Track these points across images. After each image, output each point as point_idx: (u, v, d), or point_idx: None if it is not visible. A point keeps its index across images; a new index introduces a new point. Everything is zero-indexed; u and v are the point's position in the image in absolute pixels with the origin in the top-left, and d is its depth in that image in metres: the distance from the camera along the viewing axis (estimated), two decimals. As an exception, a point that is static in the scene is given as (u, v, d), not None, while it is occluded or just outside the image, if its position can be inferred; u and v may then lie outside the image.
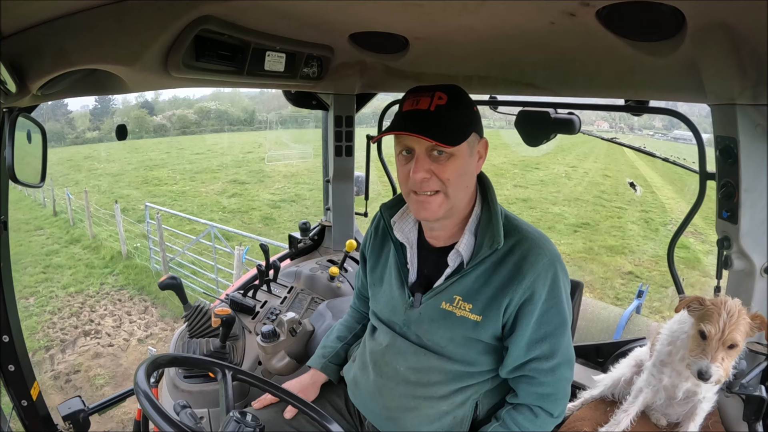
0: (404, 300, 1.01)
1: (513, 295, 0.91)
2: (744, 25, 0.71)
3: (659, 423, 1.08)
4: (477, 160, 0.95)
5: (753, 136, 0.90)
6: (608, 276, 8.17)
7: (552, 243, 0.96)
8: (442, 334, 0.96)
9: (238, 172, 17.86)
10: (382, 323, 1.07)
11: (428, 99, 0.90)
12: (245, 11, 0.95)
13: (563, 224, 11.32)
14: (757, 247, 0.97)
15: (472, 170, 0.94)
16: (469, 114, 0.93)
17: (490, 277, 0.93)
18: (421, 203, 0.92)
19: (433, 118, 0.89)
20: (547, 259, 0.91)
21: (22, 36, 0.81)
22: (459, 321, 0.94)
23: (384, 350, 1.03)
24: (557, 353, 0.93)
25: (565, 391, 0.98)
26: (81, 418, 1.35)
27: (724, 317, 0.87)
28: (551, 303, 0.92)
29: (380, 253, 1.10)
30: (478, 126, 0.94)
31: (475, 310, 0.93)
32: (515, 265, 0.91)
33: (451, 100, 0.90)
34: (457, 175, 0.90)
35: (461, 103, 0.92)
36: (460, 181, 0.91)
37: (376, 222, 1.14)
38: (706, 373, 0.87)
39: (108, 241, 9.05)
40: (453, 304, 0.95)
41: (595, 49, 0.96)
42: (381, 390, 1.02)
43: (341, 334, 1.25)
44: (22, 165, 0.96)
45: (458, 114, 0.90)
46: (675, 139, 20.78)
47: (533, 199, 13.83)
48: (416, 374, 0.98)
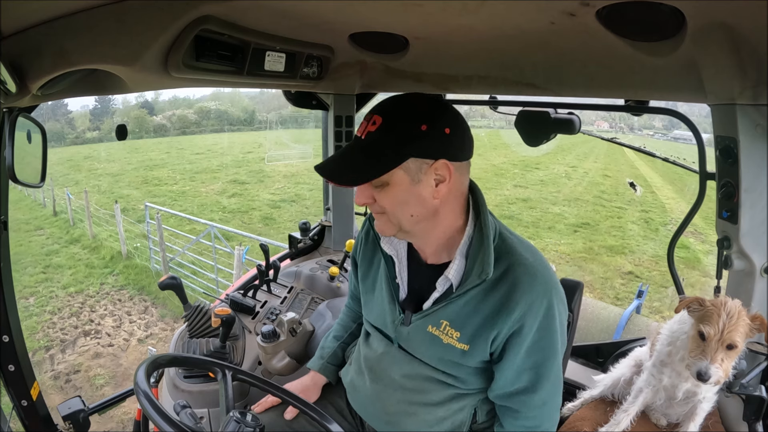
0: (395, 315, 0.97)
1: (501, 327, 0.84)
2: (744, 25, 0.71)
3: (659, 423, 1.08)
4: (435, 185, 0.83)
5: (753, 136, 0.90)
6: (608, 276, 8.17)
7: (548, 267, 0.88)
8: (431, 354, 0.93)
9: (238, 172, 17.86)
10: (375, 330, 1.05)
11: (365, 123, 0.84)
12: (245, 11, 0.94)
13: (563, 224, 11.32)
14: (757, 247, 0.97)
15: (420, 198, 0.84)
16: (406, 136, 0.81)
17: (480, 305, 0.86)
18: (376, 220, 0.91)
19: (357, 150, 0.83)
20: (540, 287, 0.84)
21: (22, 36, 0.81)
22: (446, 347, 0.90)
23: (379, 357, 1.02)
24: (545, 383, 0.88)
25: (553, 420, 0.93)
26: (81, 418, 1.35)
27: (724, 318, 0.87)
28: (542, 333, 0.85)
29: (371, 261, 1.05)
30: (427, 147, 0.81)
31: (462, 338, 0.88)
32: (505, 294, 0.84)
33: (383, 123, 0.81)
34: (394, 203, 0.84)
35: (395, 125, 0.81)
36: (400, 209, 0.85)
37: (365, 228, 1.09)
38: (706, 374, 0.87)
39: (108, 241, 9.05)
40: (440, 329, 0.90)
41: (595, 49, 0.95)
42: (378, 395, 1.01)
43: (337, 333, 1.24)
44: (22, 165, 0.96)
45: (386, 140, 0.81)
46: (675, 139, 20.77)
47: (533, 199, 13.83)
48: (411, 382, 0.96)
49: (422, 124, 0.81)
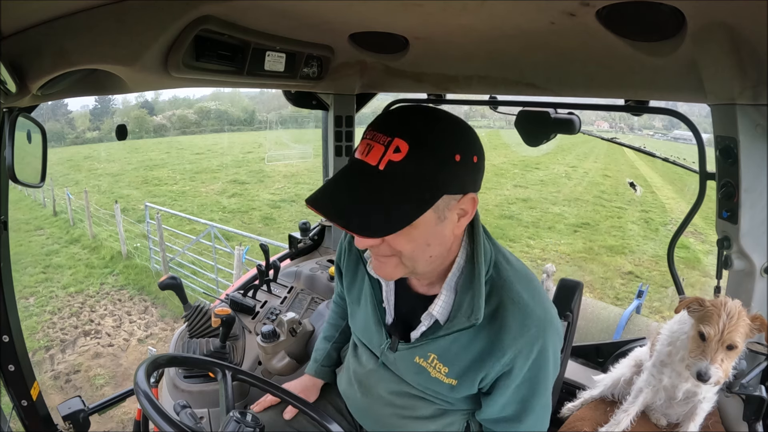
0: (381, 339, 0.91)
1: (490, 369, 0.79)
2: (744, 25, 0.71)
3: (659, 423, 1.08)
4: (457, 220, 0.73)
5: (753, 136, 0.90)
6: (608, 276, 8.17)
7: (543, 302, 0.80)
8: (417, 382, 0.89)
9: (238, 172, 17.86)
10: (363, 345, 1.00)
11: (382, 148, 0.67)
12: (245, 11, 0.94)
13: (563, 224, 11.31)
14: (757, 247, 0.97)
15: (442, 236, 0.74)
16: (441, 169, 0.68)
17: (469, 344, 0.80)
18: (376, 260, 0.77)
19: (376, 185, 0.67)
20: (534, 330, 0.76)
21: (22, 36, 0.81)
22: (433, 380, 0.85)
23: (367, 374, 0.99)
24: (531, 415, 0.83)
25: None
26: (81, 418, 1.35)
27: (724, 318, 0.87)
28: (534, 372, 0.79)
29: (355, 273, 0.98)
30: (458, 181, 0.70)
31: (451, 374, 0.83)
32: (496, 335, 0.77)
33: (413, 151, 0.66)
34: (413, 247, 0.72)
35: (429, 155, 0.67)
36: (421, 252, 0.73)
37: (347, 239, 1.00)
38: (706, 375, 0.87)
39: (108, 241, 9.05)
40: (428, 361, 0.84)
41: (595, 49, 0.95)
42: (370, 407, 1.01)
43: (328, 333, 1.20)
44: (22, 165, 0.96)
45: (419, 175, 0.66)
46: (675, 139, 20.78)
47: (533, 199, 13.82)
48: (401, 399, 0.94)
49: (456, 153, 0.68)
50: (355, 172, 0.70)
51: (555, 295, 1.22)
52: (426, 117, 0.70)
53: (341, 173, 0.72)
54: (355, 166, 0.70)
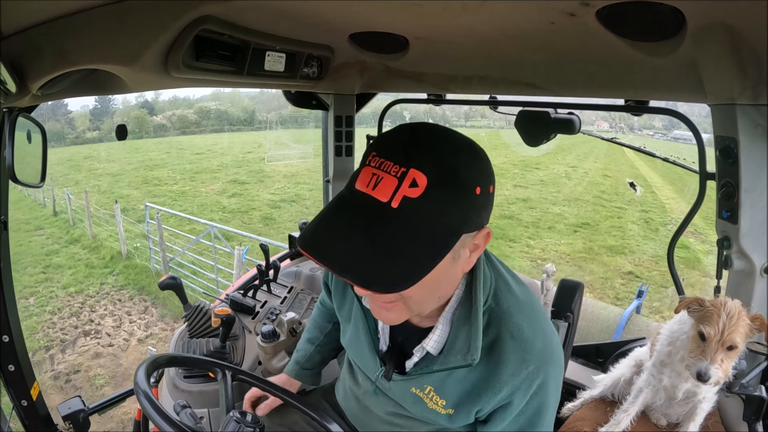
0: (375, 367, 0.86)
1: (486, 404, 0.75)
2: (744, 25, 0.71)
3: (659, 423, 1.08)
4: (469, 255, 0.67)
5: (753, 136, 0.90)
6: (608, 276, 8.17)
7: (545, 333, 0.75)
8: (414, 410, 0.85)
9: (238, 172, 17.86)
10: (358, 368, 0.96)
11: (394, 181, 0.57)
12: (245, 11, 0.94)
13: (563, 224, 11.32)
14: (757, 247, 0.96)
15: (453, 276, 0.68)
16: (464, 205, 0.60)
17: (465, 377, 0.76)
18: (376, 307, 0.71)
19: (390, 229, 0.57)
20: (533, 366, 0.71)
21: (22, 36, 0.81)
22: (430, 411, 0.81)
23: (364, 394, 0.97)
24: None
25: None
26: (81, 418, 1.35)
27: (724, 319, 0.87)
28: (532, 406, 0.75)
29: (344, 295, 0.93)
30: (476, 217, 0.63)
31: (447, 405, 0.79)
32: (493, 369, 0.72)
33: (432, 185, 0.57)
34: (423, 294, 0.65)
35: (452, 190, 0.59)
36: (430, 293, 0.67)
37: None
38: (705, 375, 0.87)
39: (108, 241, 9.05)
40: (424, 392, 0.80)
41: (595, 49, 0.95)
42: (368, 423, 1.00)
43: (312, 335, 1.17)
44: (22, 165, 0.96)
45: (440, 214, 0.58)
46: (675, 139, 20.77)
47: (533, 199, 13.82)
48: (399, 419, 0.92)
49: (477, 185, 0.61)
50: (360, 209, 0.59)
51: (555, 296, 1.22)
52: (444, 143, 0.61)
53: (342, 209, 0.61)
54: (360, 202, 0.59)
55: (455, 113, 38.47)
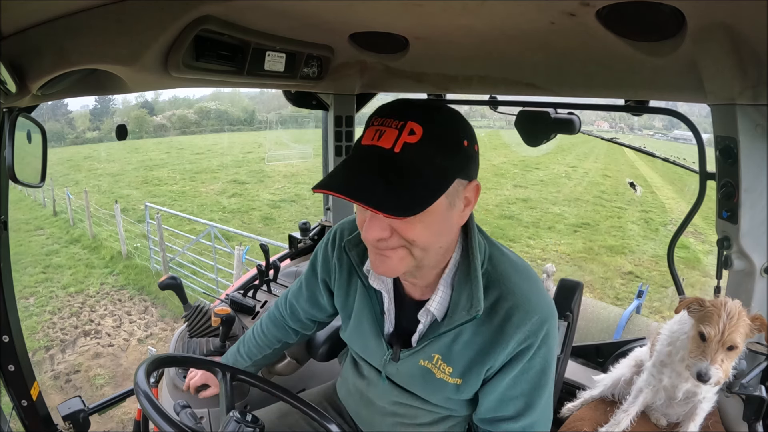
0: (382, 351, 0.89)
1: (495, 360, 0.78)
2: (744, 25, 0.71)
3: (659, 423, 1.08)
4: (462, 208, 0.73)
5: (753, 136, 0.90)
6: (608, 276, 8.17)
7: (543, 292, 0.80)
8: (421, 389, 0.88)
9: (238, 172, 17.86)
10: (363, 360, 0.98)
11: (395, 132, 0.67)
12: (245, 11, 0.94)
13: (563, 224, 11.32)
14: (757, 247, 0.97)
15: (450, 225, 0.74)
16: (454, 153, 0.69)
17: (472, 338, 0.79)
18: (378, 256, 0.74)
19: (396, 168, 0.65)
20: (536, 318, 0.76)
21: (22, 36, 0.81)
22: (438, 382, 0.84)
23: (367, 386, 0.99)
24: (530, 413, 0.80)
25: None
26: (81, 418, 1.34)
27: (724, 319, 0.87)
28: (534, 363, 0.78)
29: (348, 289, 0.96)
30: (466, 166, 0.71)
31: (455, 373, 0.82)
32: (498, 327, 0.76)
33: (427, 134, 0.66)
34: (427, 235, 0.70)
35: (443, 139, 0.68)
36: (432, 241, 0.72)
37: (336, 254, 0.96)
38: (706, 375, 0.87)
39: (108, 241, 9.05)
40: (432, 363, 0.83)
41: (595, 49, 0.95)
42: (372, 417, 1.01)
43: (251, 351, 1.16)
44: (22, 165, 0.96)
45: (437, 157, 0.67)
46: (675, 139, 20.78)
47: (533, 199, 13.83)
48: (402, 408, 0.94)
49: (464, 139, 0.70)
50: (369, 156, 0.68)
51: (555, 296, 1.22)
52: (430, 105, 0.71)
53: (352, 160, 0.70)
54: (368, 152, 0.68)
55: (455, 113, 38.35)
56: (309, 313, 1.11)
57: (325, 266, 1.00)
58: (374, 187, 0.65)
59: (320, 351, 1.35)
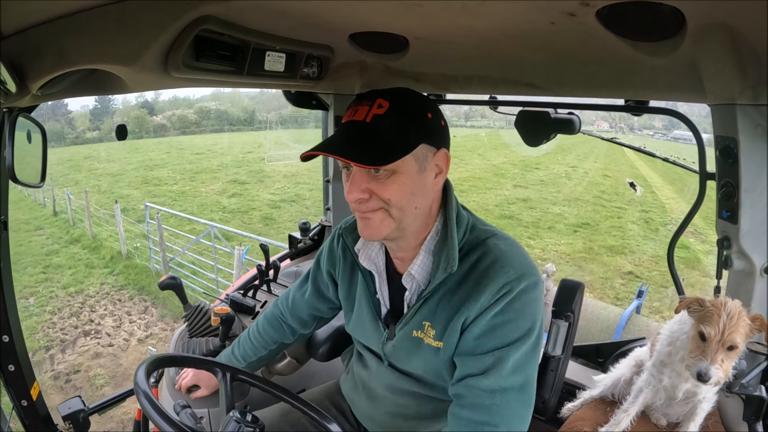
0: (380, 333, 0.94)
1: (469, 312, 0.80)
2: (744, 25, 0.71)
3: (659, 423, 1.08)
4: (434, 176, 0.82)
5: (753, 136, 0.90)
6: (608, 276, 8.17)
7: (524, 254, 0.84)
8: (416, 364, 0.90)
9: (238, 172, 17.87)
10: (366, 349, 1.02)
11: (366, 108, 0.79)
12: (245, 11, 0.94)
13: (563, 224, 11.32)
14: (757, 247, 0.96)
15: (425, 188, 0.81)
16: (417, 121, 0.80)
17: (451, 297, 0.83)
18: (362, 220, 0.82)
19: (367, 133, 0.77)
20: (513, 272, 0.79)
21: (22, 36, 0.81)
22: (426, 348, 0.86)
23: (370, 376, 1.01)
24: (500, 372, 0.77)
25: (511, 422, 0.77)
26: (81, 418, 1.34)
27: (724, 319, 0.86)
28: (509, 317, 0.78)
29: (351, 278, 1.01)
30: (433, 135, 0.81)
31: (437, 336, 0.84)
32: (476, 281, 0.80)
33: (392, 107, 0.78)
34: (401, 194, 0.79)
35: (406, 110, 0.80)
36: (406, 201, 0.80)
37: (341, 246, 1.03)
38: (706, 375, 0.87)
39: (108, 241, 9.05)
40: (423, 331, 0.86)
41: (595, 49, 0.95)
42: (374, 414, 1.02)
43: (246, 352, 1.18)
44: (22, 165, 0.96)
45: (400, 123, 0.78)
46: (675, 139, 20.79)
47: (533, 199, 13.83)
48: (403, 398, 0.95)
49: (428, 111, 0.81)
50: (346, 128, 0.81)
51: (556, 296, 1.22)
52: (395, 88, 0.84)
53: (335, 133, 0.83)
54: (345, 125, 0.81)
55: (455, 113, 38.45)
56: (312, 307, 1.14)
57: (331, 259, 1.07)
58: (348, 147, 0.77)
59: (320, 351, 1.36)
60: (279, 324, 1.18)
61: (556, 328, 1.20)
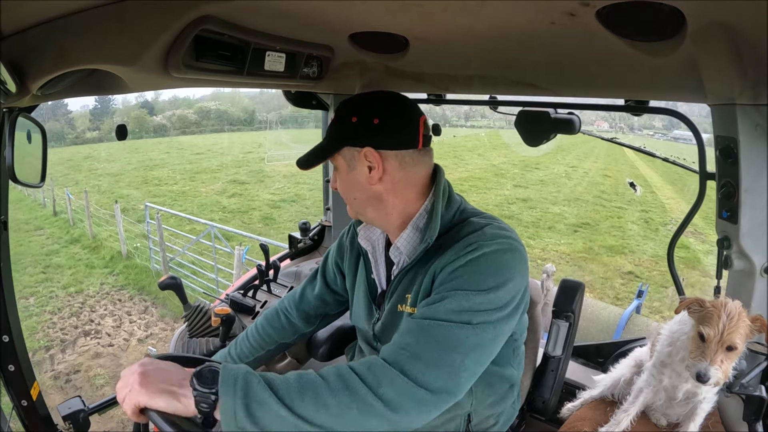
0: (372, 314, 0.98)
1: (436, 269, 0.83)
2: (744, 25, 0.71)
3: (659, 423, 1.08)
4: (368, 171, 0.88)
5: (753, 136, 0.90)
6: (608, 276, 8.17)
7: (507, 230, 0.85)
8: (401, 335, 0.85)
9: (238, 172, 17.88)
10: (363, 340, 1.06)
11: None
12: (245, 11, 0.94)
13: (563, 224, 11.32)
14: (757, 247, 0.96)
15: (358, 182, 0.90)
16: (341, 126, 0.90)
17: (426, 263, 0.86)
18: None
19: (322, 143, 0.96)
20: (484, 237, 0.81)
21: (22, 36, 0.81)
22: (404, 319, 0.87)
23: None
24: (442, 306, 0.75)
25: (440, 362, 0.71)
26: (81, 418, 1.34)
27: (724, 320, 0.86)
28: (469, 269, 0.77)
29: (356, 267, 1.07)
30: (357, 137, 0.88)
31: (411, 302, 0.88)
32: (448, 247, 0.83)
33: (335, 117, 0.92)
34: (342, 188, 0.95)
35: (337, 116, 0.92)
36: (346, 193, 0.95)
37: (350, 237, 1.11)
38: (705, 376, 0.87)
39: (108, 241, 9.05)
40: (407, 304, 0.89)
41: (595, 49, 0.95)
42: None
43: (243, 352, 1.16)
44: (22, 165, 0.96)
45: (334, 131, 0.92)
46: (675, 139, 20.81)
47: (533, 199, 13.83)
48: None
49: (353, 116, 0.89)
50: None
51: (556, 296, 1.22)
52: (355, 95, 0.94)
53: None
54: None
55: (455, 113, 38.45)
56: (320, 300, 1.17)
57: (339, 250, 1.14)
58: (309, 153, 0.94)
59: (321, 350, 1.36)
60: (280, 322, 1.18)
61: (556, 328, 1.20)
